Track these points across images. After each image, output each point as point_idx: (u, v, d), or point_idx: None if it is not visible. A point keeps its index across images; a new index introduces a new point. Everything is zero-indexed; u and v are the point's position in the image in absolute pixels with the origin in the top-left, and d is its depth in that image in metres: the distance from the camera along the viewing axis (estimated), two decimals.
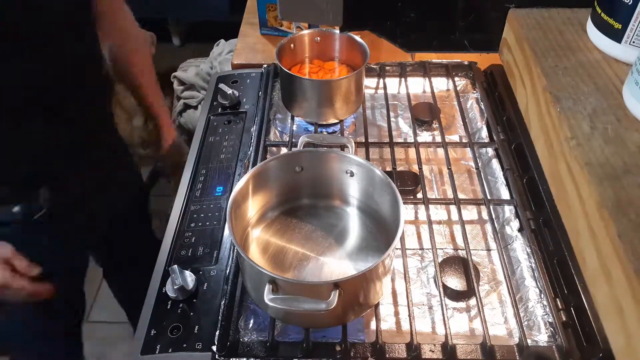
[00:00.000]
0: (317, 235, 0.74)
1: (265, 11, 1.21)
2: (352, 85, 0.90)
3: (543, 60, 0.54)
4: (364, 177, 0.73)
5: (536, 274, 0.69)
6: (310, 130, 0.95)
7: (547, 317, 0.65)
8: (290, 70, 0.94)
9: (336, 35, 0.97)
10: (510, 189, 0.80)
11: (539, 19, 0.60)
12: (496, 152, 0.88)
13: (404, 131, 0.98)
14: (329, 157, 0.74)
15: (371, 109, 1.02)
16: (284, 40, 0.94)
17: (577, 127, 0.47)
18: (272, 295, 0.57)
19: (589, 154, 0.44)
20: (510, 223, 0.77)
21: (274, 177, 0.74)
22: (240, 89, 1.03)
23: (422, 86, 1.06)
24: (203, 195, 0.83)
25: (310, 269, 0.70)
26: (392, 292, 0.72)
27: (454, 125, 0.99)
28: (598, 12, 0.53)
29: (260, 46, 1.23)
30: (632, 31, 0.50)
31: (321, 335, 0.66)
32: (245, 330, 0.66)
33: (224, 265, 0.72)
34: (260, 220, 0.76)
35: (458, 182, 0.87)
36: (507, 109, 0.93)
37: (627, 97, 0.48)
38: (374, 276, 0.62)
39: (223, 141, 0.93)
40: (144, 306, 0.69)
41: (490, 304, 0.70)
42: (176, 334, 0.65)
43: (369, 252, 0.71)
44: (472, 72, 1.03)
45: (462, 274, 0.71)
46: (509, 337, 0.67)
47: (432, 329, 0.68)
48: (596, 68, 0.53)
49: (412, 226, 0.82)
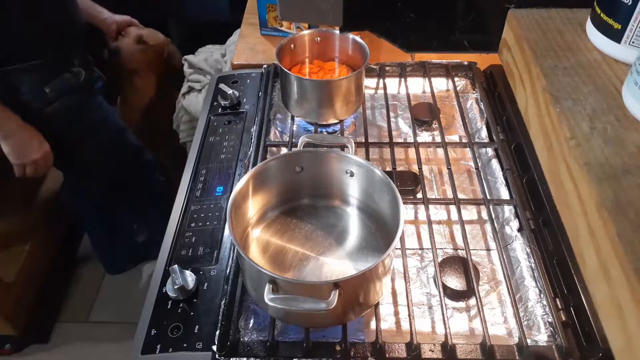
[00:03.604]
0: (317, 235, 0.74)
1: (265, 11, 1.21)
2: (352, 85, 0.90)
3: (542, 61, 0.54)
4: (364, 177, 0.73)
5: (536, 274, 0.69)
6: (310, 130, 0.95)
7: (546, 317, 0.65)
8: (291, 71, 0.94)
9: (336, 36, 0.97)
10: (510, 189, 0.80)
11: (538, 19, 0.60)
12: (496, 152, 0.88)
13: (404, 131, 0.98)
14: (329, 157, 0.74)
15: (371, 109, 1.03)
16: (284, 41, 0.94)
17: (577, 127, 0.47)
18: (272, 295, 0.57)
19: (589, 154, 0.44)
20: (510, 223, 0.78)
21: (274, 177, 0.74)
22: (240, 89, 1.03)
23: (422, 86, 1.06)
24: (203, 195, 0.83)
25: (310, 269, 0.70)
26: (392, 292, 0.72)
27: (454, 126, 0.99)
28: (597, 12, 0.53)
29: (260, 46, 1.23)
30: (631, 31, 0.50)
31: (321, 335, 0.66)
32: (245, 330, 0.66)
33: (224, 265, 0.73)
34: (261, 220, 0.76)
35: (458, 182, 0.87)
36: (506, 109, 0.93)
37: (627, 97, 0.48)
38: (374, 276, 0.62)
39: (223, 141, 0.93)
40: (144, 306, 0.69)
41: (490, 304, 0.71)
42: (176, 334, 0.65)
43: (369, 252, 0.71)
44: (472, 72, 1.03)
45: (461, 273, 0.72)
46: (509, 337, 0.67)
47: (432, 328, 0.68)
48: (596, 68, 0.53)
49: (412, 226, 0.82)
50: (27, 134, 1.16)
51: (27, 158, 1.17)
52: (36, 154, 1.18)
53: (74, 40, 1.23)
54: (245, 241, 0.73)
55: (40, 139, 1.18)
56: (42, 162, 1.20)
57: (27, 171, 1.19)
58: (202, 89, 1.46)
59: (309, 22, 1.08)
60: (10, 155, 1.16)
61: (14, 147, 1.15)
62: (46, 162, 1.21)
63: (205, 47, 1.58)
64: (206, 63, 1.47)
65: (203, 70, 1.47)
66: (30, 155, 1.17)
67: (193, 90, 1.48)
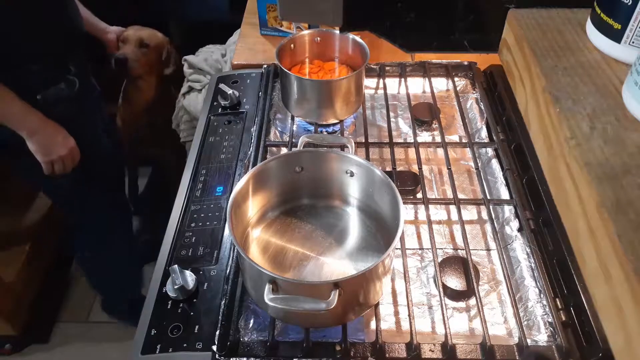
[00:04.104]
0: (317, 235, 0.74)
1: (265, 11, 1.21)
2: (352, 85, 0.90)
3: (542, 61, 0.54)
4: (364, 177, 0.73)
5: (536, 274, 0.69)
6: (310, 130, 0.95)
7: (546, 317, 0.65)
8: (291, 71, 0.94)
9: (336, 36, 0.97)
10: (510, 189, 0.80)
11: (538, 19, 0.60)
12: (496, 152, 0.88)
13: (404, 131, 0.98)
14: (329, 157, 0.74)
15: (371, 109, 1.03)
16: (284, 41, 0.94)
17: (577, 127, 0.47)
18: (272, 295, 0.57)
19: (589, 154, 0.44)
20: (509, 223, 0.78)
21: (274, 177, 0.74)
22: (240, 89, 1.03)
23: (422, 86, 1.06)
24: (203, 195, 0.83)
25: (310, 269, 0.70)
26: (392, 292, 0.72)
27: (454, 126, 0.99)
28: (597, 12, 0.54)
29: (260, 46, 1.23)
30: (631, 31, 0.50)
31: (321, 335, 0.66)
32: (245, 330, 0.66)
33: (224, 265, 0.72)
34: (261, 220, 0.76)
35: (458, 182, 0.87)
36: (506, 109, 0.93)
37: (627, 97, 0.48)
38: (374, 276, 0.62)
39: (223, 141, 0.93)
40: (144, 306, 0.69)
41: (490, 304, 0.71)
42: (176, 334, 0.65)
43: (369, 252, 0.71)
44: (472, 73, 1.03)
45: (461, 273, 0.72)
46: (509, 337, 0.67)
47: (432, 328, 0.68)
48: (596, 68, 0.53)
49: (412, 226, 0.82)
50: (51, 130, 1.13)
51: (54, 155, 1.14)
52: (62, 149, 1.15)
53: (73, 47, 1.21)
54: (245, 241, 0.73)
55: (65, 133, 1.16)
56: (69, 158, 1.17)
57: (55, 169, 1.16)
58: (202, 89, 1.46)
59: (309, 22, 1.08)
60: (37, 153, 1.13)
61: (40, 144, 1.12)
62: (73, 158, 1.18)
63: (205, 47, 1.58)
64: (206, 63, 1.48)
65: (203, 70, 1.48)
66: (57, 152, 1.14)
67: (193, 90, 1.49)
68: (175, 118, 1.53)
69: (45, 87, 1.14)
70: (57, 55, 1.16)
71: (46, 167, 1.16)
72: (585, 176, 0.43)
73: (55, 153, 1.14)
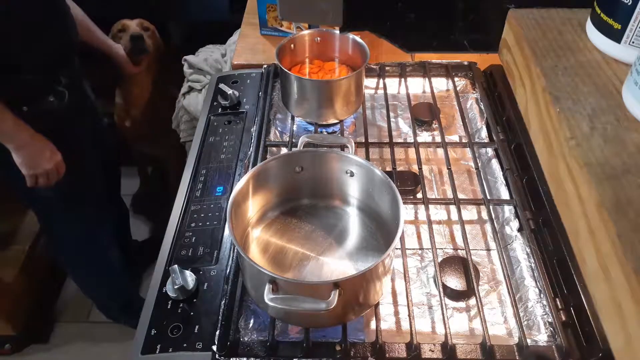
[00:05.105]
0: (317, 235, 0.74)
1: (265, 11, 1.21)
2: (352, 85, 0.90)
3: (542, 61, 0.54)
4: (364, 177, 0.73)
5: (536, 274, 0.69)
6: (310, 130, 0.95)
7: (546, 317, 0.65)
8: (291, 71, 0.94)
9: (336, 36, 0.97)
10: (510, 189, 0.80)
11: (538, 19, 0.60)
12: (496, 152, 0.88)
13: (404, 131, 0.98)
14: (329, 157, 0.74)
15: (371, 109, 1.03)
16: (284, 41, 0.94)
17: (577, 127, 0.47)
18: (272, 295, 0.57)
19: (589, 154, 0.44)
20: (509, 223, 0.78)
21: (274, 177, 0.74)
22: (240, 89, 1.03)
23: (422, 86, 1.06)
24: (203, 195, 0.83)
25: (310, 269, 0.70)
26: (392, 292, 0.72)
27: (454, 126, 0.99)
28: (597, 12, 0.54)
29: (260, 46, 1.23)
30: (631, 31, 0.50)
31: (321, 335, 0.66)
32: (245, 330, 0.66)
33: (224, 265, 0.73)
34: (260, 220, 0.76)
35: (458, 182, 0.87)
36: (506, 109, 0.93)
37: (627, 97, 0.48)
38: (374, 276, 0.62)
39: (223, 141, 0.93)
40: (144, 306, 0.69)
41: (490, 304, 0.71)
42: (176, 334, 0.65)
43: (369, 252, 0.71)
44: (471, 73, 1.03)
45: (461, 273, 0.72)
46: (509, 337, 0.67)
47: (432, 328, 0.68)
48: (596, 68, 0.53)
49: (412, 226, 0.82)
50: (40, 145, 1.13)
51: (39, 168, 1.14)
52: (48, 164, 1.14)
53: (65, 57, 1.20)
54: (245, 241, 0.73)
55: (52, 148, 1.15)
56: (54, 172, 1.17)
57: (39, 182, 1.16)
58: (202, 89, 1.47)
59: (309, 22, 1.08)
60: (22, 166, 1.13)
61: (27, 157, 1.12)
62: (58, 171, 1.18)
63: (205, 47, 1.58)
64: (206, 63, 1.48)
65: (203, 70, 1.48)
66: (42, 166, 1.14)
67: (193, 90, 1.49)
68: (175, 118, 1.53)
69: (33, 98, 1.13)
70: (47, 66, 1.14)
71: (30, 179, 1.15)
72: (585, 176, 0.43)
73: (41, 167, 1.14)
